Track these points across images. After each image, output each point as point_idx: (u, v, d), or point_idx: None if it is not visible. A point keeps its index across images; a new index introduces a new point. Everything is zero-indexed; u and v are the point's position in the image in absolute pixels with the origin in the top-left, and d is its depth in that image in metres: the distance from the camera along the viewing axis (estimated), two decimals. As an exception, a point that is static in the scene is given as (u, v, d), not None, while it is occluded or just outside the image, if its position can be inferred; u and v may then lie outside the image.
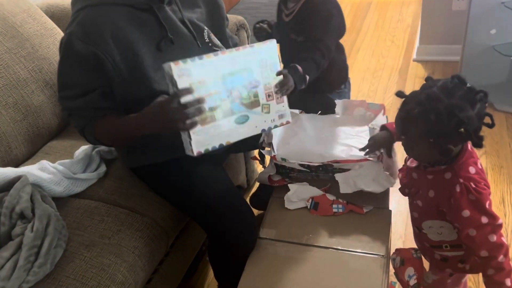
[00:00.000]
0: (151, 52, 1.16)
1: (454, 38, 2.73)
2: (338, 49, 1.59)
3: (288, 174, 1.39)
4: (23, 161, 1.52)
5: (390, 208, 1.32)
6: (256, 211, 1.75)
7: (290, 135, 1.43)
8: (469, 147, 1.05)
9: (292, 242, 1.23)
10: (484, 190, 1.00)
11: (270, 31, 1.57)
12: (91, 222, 1.27)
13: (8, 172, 1.31)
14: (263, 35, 1.55)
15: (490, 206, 1.01)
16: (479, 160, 1.06)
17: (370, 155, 1.29)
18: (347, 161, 1.30)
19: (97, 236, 1.23)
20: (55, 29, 1.70)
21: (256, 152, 1.74)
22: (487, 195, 1.01)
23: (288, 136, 1.43)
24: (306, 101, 1.55)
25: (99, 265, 1.16)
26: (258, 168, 2.05)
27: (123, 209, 1.32)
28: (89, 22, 1.12)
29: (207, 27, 1.31)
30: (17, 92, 1.49)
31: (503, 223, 1.75)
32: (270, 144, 1.37)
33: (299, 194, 1.33)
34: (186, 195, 1.29)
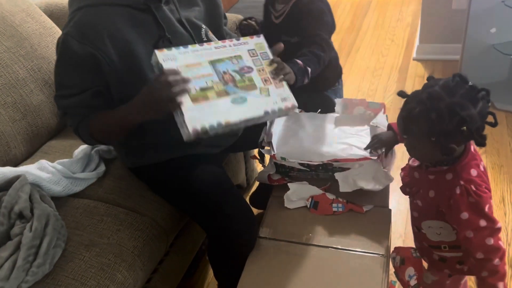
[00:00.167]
0: (149, 52, 1.15)
1: (454, 37, 2.72)
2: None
3: (288, 173, 1.39)
4: (22, 161, 1.52)
5: (390, 207, 1.31)
6: (256, 210, 1.75)
7: (290, 134, 1.43)
8: (472, 149, 1.03)
9: (292, 241, 1.23)
10: (485, 194, 0.99)
11: (258, 28, 1.56)
12: (90, 222, 1.26)
13: (7, 172, 1.31)
14: (250, 32, 1.53)
15: (490, 210, 0.99)
16: (482, 162, 1.04)
17: (372, 154, 1.29)
18: (347, 160, 1.30)
19: (96, 236, 1.22)
20: (54, 28, 1.70)
21: (256, 151, 1.74)
22: (488, 199, 0.99)
23: (288, 135, 1.42)
24: (306, 101, 1.54)
25: (99, 265, 1.15)
26: (258, 167, 2.05)
27: (123, 209, 1.32)
28: (86, 22, 1.12)
29: (206, 25, 1.30)
30: (16, 92, 1.49)
31: (503, 222, 1.75)
32: (270, 143, 1.37)
33: (299, 193, 1.33)
34: (185, 195, 1.29)
